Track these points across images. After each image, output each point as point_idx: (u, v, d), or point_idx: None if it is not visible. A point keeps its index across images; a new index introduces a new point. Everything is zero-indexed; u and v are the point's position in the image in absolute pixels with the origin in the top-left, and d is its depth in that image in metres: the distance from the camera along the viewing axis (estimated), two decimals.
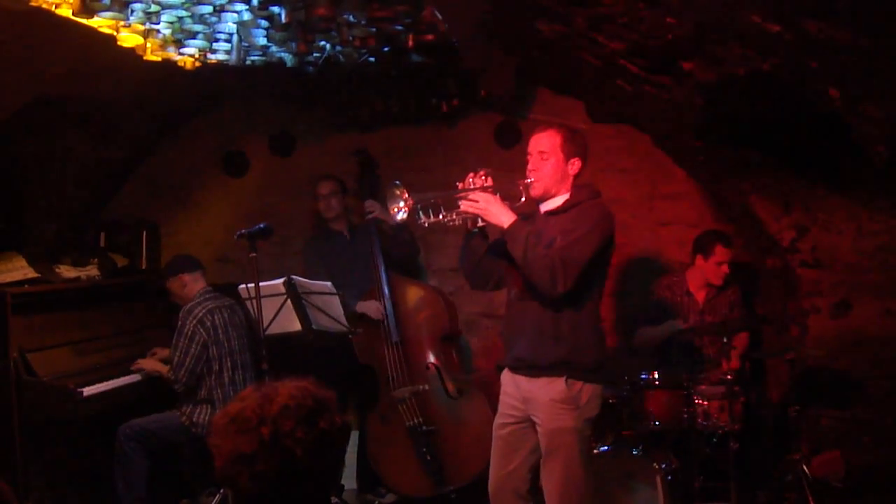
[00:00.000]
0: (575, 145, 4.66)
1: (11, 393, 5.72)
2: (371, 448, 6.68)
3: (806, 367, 6.17)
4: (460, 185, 4.60)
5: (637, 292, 6.95)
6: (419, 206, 4.49)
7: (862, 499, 5.83)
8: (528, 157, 4.69)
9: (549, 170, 4.62)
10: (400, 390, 6.46)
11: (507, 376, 4.85)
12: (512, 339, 4.77)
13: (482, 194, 4.50)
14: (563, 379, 4.53)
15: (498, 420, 4.86)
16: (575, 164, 4.66)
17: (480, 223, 4.65)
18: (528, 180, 4.65)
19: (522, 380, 4.70)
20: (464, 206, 4.52)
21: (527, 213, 4.70)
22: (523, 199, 4.68)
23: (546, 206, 4.73)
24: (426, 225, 4.59)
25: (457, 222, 4.63)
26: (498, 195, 4.54)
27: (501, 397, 4.88)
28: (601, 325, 4.77)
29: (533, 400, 4.64)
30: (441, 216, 4.55)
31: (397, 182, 4.49)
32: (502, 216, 4.47)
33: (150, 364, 6.32)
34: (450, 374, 6.52)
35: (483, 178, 4.60)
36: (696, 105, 5.23)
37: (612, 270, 7.06)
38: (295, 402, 2.40)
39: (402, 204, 4.43)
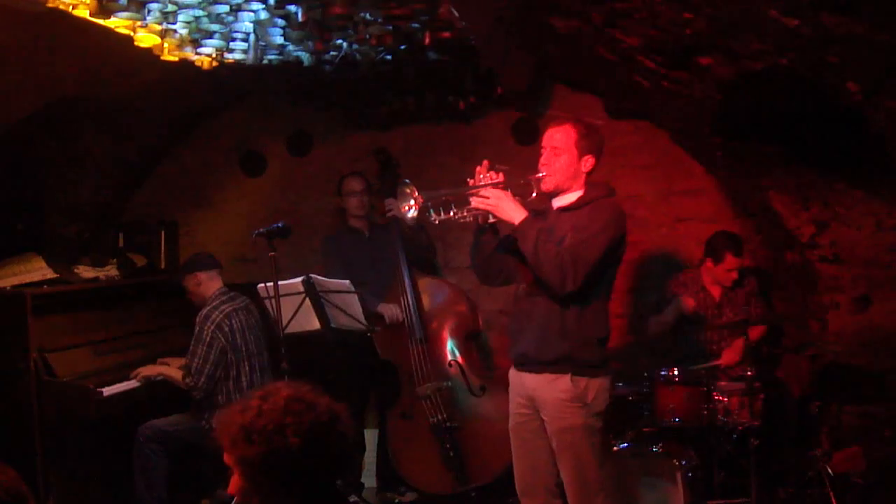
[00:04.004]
0: (589, 142, 4.63)
1: (31, 393, 5.74)
2: (392, 445, 6.67)
3: (826, 363, 6.16)
4: (471, 182, 4.58)
5: (654, 289, 6.93)
6: (430, 204, 4.48)
7: (883, 494, 5.80)
8: (542, 150, 4.68)
9: (562, 165, 4.60)
10: (423, 387, 6.44)
11: (513, 375, 4.86)
12: (518, 335, 4.77)
13: (493, 191, 4.49)
14: (568, 376, 4.52)
15: (511, 421, 4.87)
16: (588, 161, 4.64)
17: (491, 219, 4.64)
18: (540, 174, 4.63)
19: (527, 377, 4.70)
20: (475, 202, 4.51)
21: (539, 208, 4.69)
22: (535, 194, 4.67)
23: (559, 203, 4.71)
24: (437, 223, 4.57)
25: (468, 219, 4.61)
26: (509, 191, 4.54)
27: (511, 396, 4.88)
28: (609, 324, 4.71)
29: (539, 398, 4.65)
30: (452, 213, 4.54)
31: (407, 181, 4.51)
32: (513, 213, 4.46)
33: (155, 368, 6.28)
34: (473, 370, 6.51)
35: (493, 173, 4.58)
36: (714, 100, 5.21)
37: (629, 267, 7.14)
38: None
39: (412, 202, 4.43)
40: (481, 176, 4.58)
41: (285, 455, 2.49)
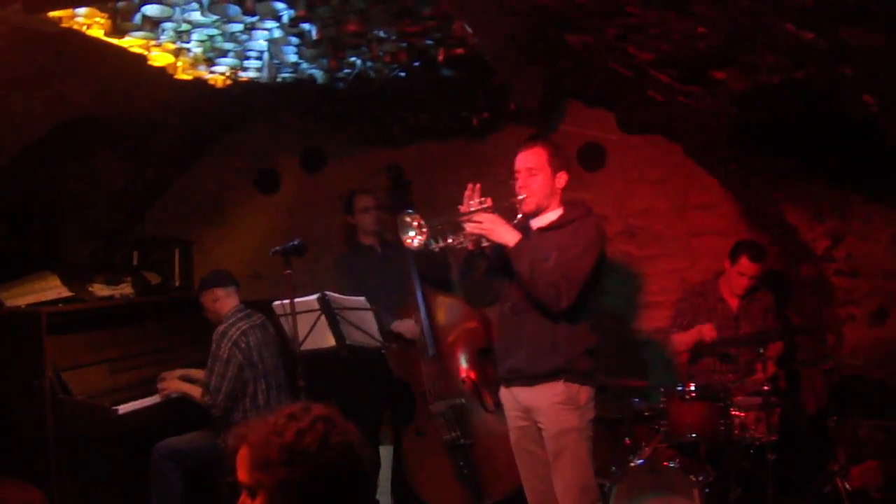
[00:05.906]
0: (560, 159, 4.83)
1: (47, 411, 5.74)
2: (407, 462, 6.67)
3: (843, 377, 6.13)
4: (461, 209, 4.70)
5: (670, 303, 6.91)
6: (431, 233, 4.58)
7: None
8: (516, 174, 4.82)
9: (539, 185, 4.78)
10: (437, 404, 6.44)
11: (504, 392, 4.99)
12: (507, 352, 4.90)
13: (486, 215, 4.63)
14: (561, 381, 4.67)
15: (512, 437, 5.03)
16: (562, 178, 4.83)
17: (485, 243, 4.75)
18: (520, 197, 4.77)
19: (519, 390, 4.85)
20: (470, 228, 4.64)
21: (519, 228, 4.77)
22: (520, 216, 4.80)
23: (538, 223, 4.87)
24: (437, 250, 4.72)
25: (464, 244, 4.76)
26: (498, 214, 4.66)
27: (507, 413, 5.03)
28: (594, 337, 4.82)
29: (534, 407, 4.79)
30: (451, 240, 4.69)
31: (410, 210, 4.60)
32: (507, 235, 4.60)
33: (175, 385, 6.27)
34: (487, 387, 6.50)
35: (481, 198, 4.70)
36: (729, 114, 5.21)
37: (645, 282, 7.11)
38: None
39: (412, 233, 4.52)
40: (471, 202, 4.69)
41: (329, 476, 2.43)
